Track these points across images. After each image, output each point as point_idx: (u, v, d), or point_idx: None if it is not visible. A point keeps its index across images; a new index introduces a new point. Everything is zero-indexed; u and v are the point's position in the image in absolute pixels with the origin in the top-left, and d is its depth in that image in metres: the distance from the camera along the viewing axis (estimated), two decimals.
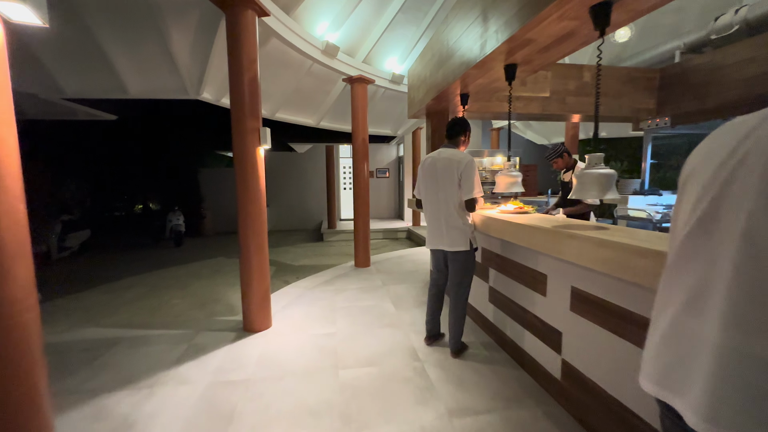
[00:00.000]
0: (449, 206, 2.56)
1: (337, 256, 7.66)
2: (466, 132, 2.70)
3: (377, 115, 6.86)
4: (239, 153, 3.08)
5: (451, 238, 2.58)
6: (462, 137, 2.70)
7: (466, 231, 2.57)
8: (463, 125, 2.71)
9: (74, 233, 7.59)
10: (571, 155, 3.57)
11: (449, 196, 2.55)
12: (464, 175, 2.49)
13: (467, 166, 2.50)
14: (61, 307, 4.73)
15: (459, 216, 2.56)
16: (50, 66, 3.52)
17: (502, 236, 2.32)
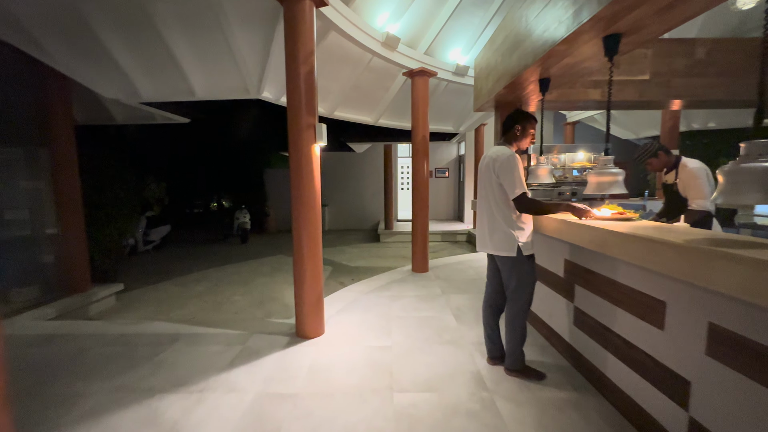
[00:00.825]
0: (490, 207, 2.36)
1: (394, 258, 7.42)
2: (517, 124, 2.39)
3: (438, 111, 6.47)
4: (294, 151, 2.95)
5: (495, 241, 2.34)
6: (515, 130, 2.40)
7: (511, 235, 2.28)
8: (514, 117, 2.42)
9: (156, 228, 8.34)
10: (669, 152, 2.90)
11: (489, 195, 2.36)
12: (501, 172, 2.24)
13: (504, 162, 2.24)
14: (138, 297, 5.12)
15: (502, 218, 2.30)
16: (129, 72, 3.75)
17: (602, 249, 1.84)
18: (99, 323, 3.53)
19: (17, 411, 2.15)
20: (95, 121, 5.43)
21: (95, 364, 2.72)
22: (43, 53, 3.47)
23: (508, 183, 2.22)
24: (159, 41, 3.43)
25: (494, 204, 2.32)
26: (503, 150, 2.31)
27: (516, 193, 2.20)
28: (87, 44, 3.46)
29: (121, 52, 3.59)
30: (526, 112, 2.43)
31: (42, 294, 4.21)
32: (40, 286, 4.24)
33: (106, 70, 3.80)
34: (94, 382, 2.45)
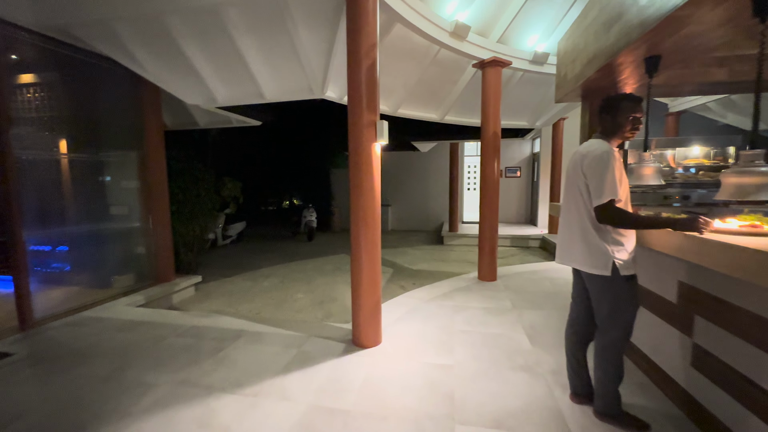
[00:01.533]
0: (580, 213, 1.91)
1: (458, 263, 7.01)
2: (610, 111, 1.92)
3: (511, 105, 5.92)
4: (354, 149, 2.81)
5: (582, 254, 1.90)
6: (606, 120, 1.94)
7: (604, 249, 1.81)
8: (607, 104, 1.94)
9: (234, 224, 9.02)
10: None
11: (578, 199, 1.92)
12: (588, 171, 1.83)
13: (596, 159, 1.80)
14: (213, 289, 5.49)
15: (594, 227, 1.84)
16: (207, 79, 3.98)
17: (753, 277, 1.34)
18: (176, 313, 3.79)
19: (99, 393, 2.32)
20: (182, 126, 5.97)
21: (167, 354, 2.87)
22: (137, 65, 3.83)
23: (595, 185, 1.78)
24: (232, 47, 3.56)
25: (585, 210, 1.88)
26: (597, 145, 1.86)
27: (602, 199, 1.74)
28: (171, 55, 3.73)
29: (200, 60, 3.81)
30: (629, 94, 1.95)
31: (135, 282, 4.70)
32: (134, 274, 4.75)
33: (187, 78, 4.08)
34: (163, 373, 2.57)
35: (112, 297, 4.21)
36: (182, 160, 5.78)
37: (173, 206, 5.40)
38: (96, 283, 4.60)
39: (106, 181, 4.81)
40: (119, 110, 4.65)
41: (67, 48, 3.80)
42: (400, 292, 5.19)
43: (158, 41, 3.60)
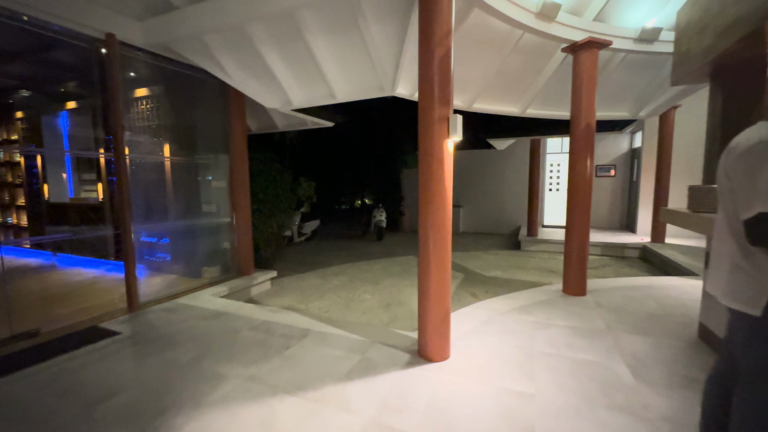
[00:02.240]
0: (732, 226, 1.40)
1: (537, 272, 6.35)
2: None
3: (608, 93, 5.13)
4: (424, 146, 2.60)
5: (727, 281, 1.41)
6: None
7: (756, 279, 1.30)
8: None
9: (309, 222, 9.46)
10: None
11: (723, 206, 1.45)
12: (734, 169, 1.34)
13: (744, 152, 1.29)
14: (287, 284, 5.74)
15: (740, 248, 1.35)
16: (283, 82, 4.13)
17: None
18: (252, 307, 4.00)
19: (180, 379, 2.48)
20: (264, 129, 6.38)
21: (240, 347, 3.00)
22: (224, 73, 4.12)
23: (744, 190, 1.29)
24: (306, 50, 3.62)
25: (730, 225, 1.40)
26: (758, 131, 1.32)
27: (752, 210, 1.25)
28: (253, 61, 3.94)
29: (277, 65, 3.96)
30: None
31: (220, 274, 5.12)
32: (220, 267, 5.18)
33: (266, 83, 4.29)
34: (235, 366, 2.67)
35: (200, 286, 4.62)
36: (263, 162, 6.18)
37: (254, 205, 5.79)
38: (189, 272, 5.12)
39: (199, 181, 5.34)
40: (211, 117, 5.10)
41: (169, 62, 4.25)
42: (471, 300, 4.84)
43: (241, 49, 3.82)
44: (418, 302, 2.82)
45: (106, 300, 4.11)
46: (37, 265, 6.07)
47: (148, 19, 3.77)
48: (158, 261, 5.46)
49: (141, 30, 3.80)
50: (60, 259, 6.38)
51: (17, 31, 3.60)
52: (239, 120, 5.05)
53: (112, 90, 3.65)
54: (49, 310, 3.82)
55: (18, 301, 4.10)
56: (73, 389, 2.40)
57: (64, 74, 5.54)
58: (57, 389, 2.40)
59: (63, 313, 3.72)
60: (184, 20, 3.59)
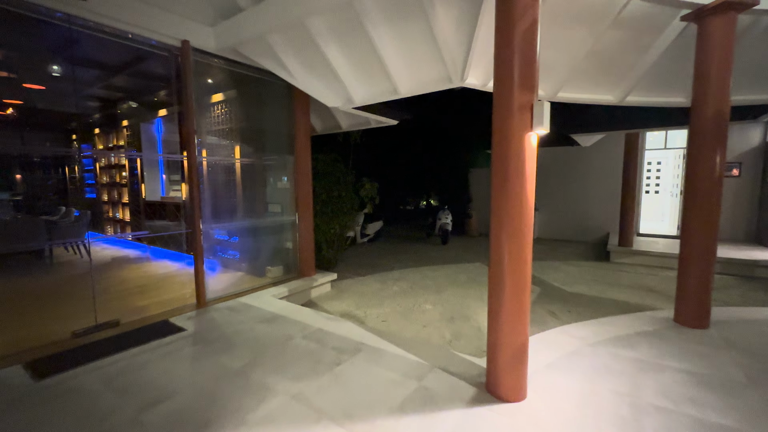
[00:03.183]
0: None
1: (633, 290, 5.33)
2: None
3: (743, 72, 4.04)
4: (500, 141, 2.15)
5: None
6: None
7: None
8: None
9: (372, 223, 9.35)
10: None
11: None
12: None
13: None
14: (347, 287, 5.60)
15: None
16: (345, 79, 3.95)
17: None
18: (308, 312, 3.89)
19: (229, 388, 2.37)
20: (329, 130, 6.35)
21: (291, 357, 2.85)
22: (288, 73, 4.08)
23: None
24: (367, 42, 3.38)
25: None
26: None
27: None
28: (314, 60, 3.83)
29: (338, 61, 3.79)
30: None
31: (282, 274, 5.17)
32: (282, 267, 5.23)
33: (328, 82, 4.16)
34: (283, 380, 2.51)
35: (263, 286, 4.68)
36: (326, 163, 6.15)
37: (317, 206, 5.77)
38: (254, 271, 5.25)
39: (266, 181, 5.46)
40: (277, 119, 5.17)
41: (238, 66, 4.35)
42: (550, 321, 4.17)
43: (303, 47, 3.72)
44: (488, 326, 2.38)
45: (180, 294, 4.34)
46: (136, 257, 6.82)
47: (218, 24, 3.87)
48: (229, 258, 5.73)
49: (213, 35, 3.91)
50: (153, 252, 7.11)
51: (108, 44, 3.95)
52: (303, 121, 5.04)
53: (186, 95, 3.80)
54: (133, 301, 4.14)
55: (111, 290, 4.55)
56: (133, 387, 2.44)
57: (155, 84, 6.11)
58: (119, 385, 2.46)
59: (142, 305, 3.99)
60: (249, 21, 3.59)
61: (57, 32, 3.57)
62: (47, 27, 3.44)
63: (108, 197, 8.89)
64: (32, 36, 4.15)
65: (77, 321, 3.40)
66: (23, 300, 4.21)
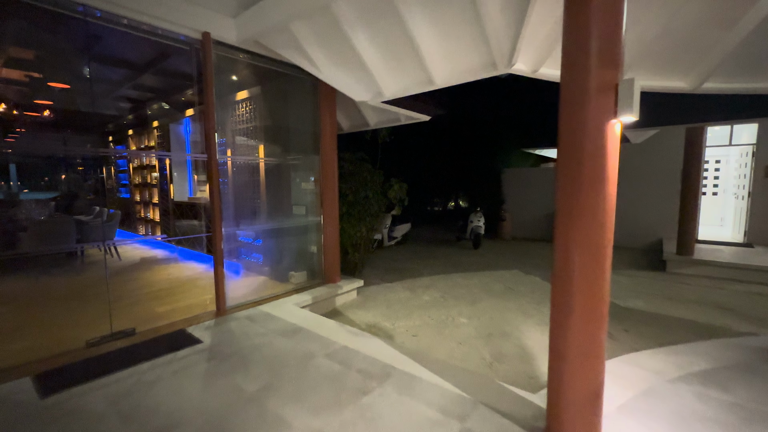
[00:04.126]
0: None
1: (701, 307, 4.63)
2: None
3: None
4: (570, 131, 1.72)
5: None
6: None
7: None
8: None
9: (399, 225, 8.96)
10: None
11: None
12: None
13: None
14: (374, 294, 5.24)
15: None
16: (374, 70, 3.61)
17: None
18: (332, 325, 3.56)
19: (241, 417, 2.07)
20: (356, 128, 6.04)
21: (311, 382, 2.52)
22: (313, 65, 3.78)
23: None
24: (399, 26, 3.01)
25: None
26: None
27: None
28: (341, 49, 3.51)
29: (367, 50, 3.45)
30: None
31: (306, 279, 4.89)
32: (307, 272, 4.96)
33: (356, 74, 3.83)
34: (301, 412, 2.18)
35: (285, 293, 4.41)
36: (353, 162, 5.83)
37: (343, 207, 5.46)
38: (277, 276, 5.01)
39: (290, 182, 5.21)
40: (302, 117, 4.90)
41: (261, 60, 4.10)
42: (607, 343, 3.62)
43: (329, 37, 3.40)
44: (549, 359, 1.94)
45: (200, 300, 4.15)
46: (164, 258, 6.80)
47: (239, 15, 3.62)
48: (252, 261, 5.53)
49: (234, 26, 3.67)
50: (181, 252, 7.08)
51: (129, 39, 3.81)
52: (329, 118, 4.73)
53: (207, 90, 3.58)
54: (152, 306, 3.98)
55: (133, 294, 4.44)
56: (139, 411, 2.19)
57: (182, 83, 6.02)
58: (125, 408, 2.22)
59: (161, 311, 3.82)
60: (271, 8, 3.31)
61: (76, 27, 3.45)
62: (65, 21, 3.32)
63: (140, 197, 9.05)
64: (56, 33, 4.09)
65: (94, 328, 3.24)
66: (47, 303, 4.15)
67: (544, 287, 5.60)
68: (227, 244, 5.56)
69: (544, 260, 7.50)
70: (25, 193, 11.10)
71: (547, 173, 10.76)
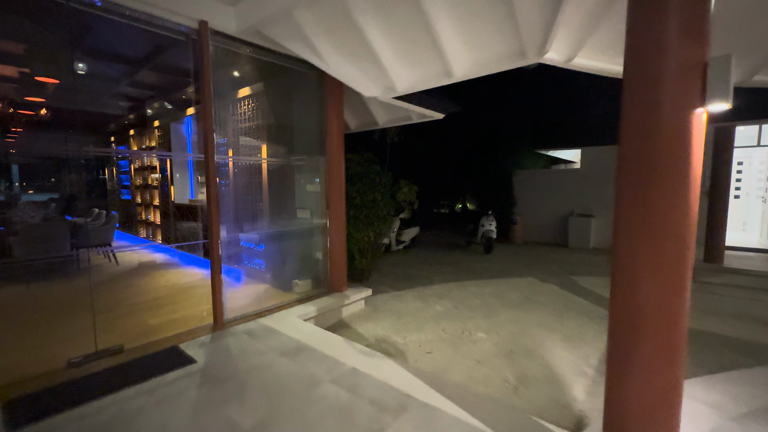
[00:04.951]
0: None
1: (741, 321, 4.24)
2: None
3: None
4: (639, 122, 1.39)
5: None
6: None
7: None
8: None
9: (407, 229, 8.63)
10: None
11: None
12: None
13: None
14: (382, 304, 4.89)
15: None
16: (385, 62, 3.29)
17: None
18: (340, 342, 3.24)
19: None
20: (364, 127, 5.73)
21: (316, 413, 2.20)
22: (319, 58, 3.48)
23: None
24: (415, 11, 2.70)
25: None
26: None
27: None
28: (350, 39, 3.20)
29: (378, 40, 3.14)
30: None
31: (311, 288, 4.57)
32: (311, 280, 4.64)
33: (365, 66, 3.52)
34: None
35: (289, 304, 4.10)
36: (361, 163, 5.52)
37: (350, 211, 5.15)
38: (280, 284, 4.70)
39: (294, 184, 4.91)
40: (307, 115, 4.60)
41: (263, 53, 3.80)
42: None
43: (336, 24, 3.09)
44: (605, 398, 1.59)
45: (197, 311, 3.85)
46: (163, 262, 6.53)
47: (239, 2, 3.32)
48: (254, 267, 5.24)
49: (233, 15, 3.38)
50: (181, 257, 6.81)
51: (121, 28, 3.53)
52: (337, 116, 4.42)
53: (204, 85, 3.29)
54: (144, 319, 3.69)
55: (125, 303, 4.16)
56: None
57: (182, 81, 5.76)
58: None
59: (154, 324, 3.52)
60: None
61: (65, 16, 3.18)
62: (53, 10, 3.05)
63: (141, 199, 8.82)
64: (44, 24, 3.83)
65: (79, 344, 2.95)
66: (33, 314, 3.88)
67: (563, 297, 5.24)
68: (228, 250, 5.27)
69: (559, 266, 7.13)
70: (30, 194, 10.96)
71: (560, 175, 10.37)
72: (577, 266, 7.18)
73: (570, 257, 8.04)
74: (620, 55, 1.42)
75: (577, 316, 4.50)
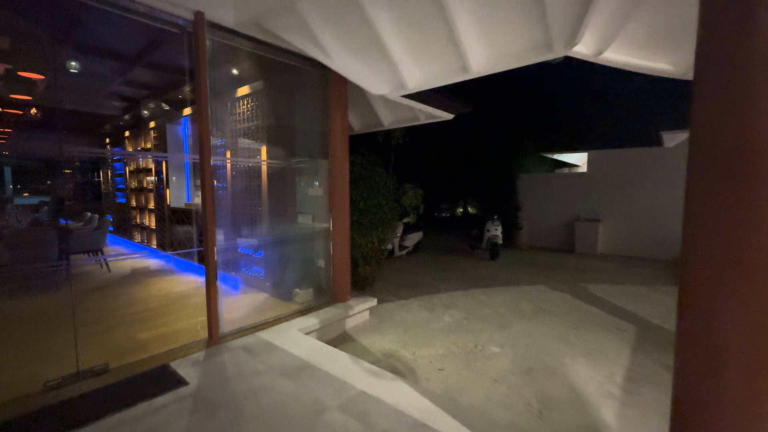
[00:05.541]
0: None
1: None
2: None
3: None
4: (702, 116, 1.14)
5: None
6: None
7: None
8: None
9: (411, 234, 8.38)
10: None
11: None
12: None
13: None
14: (388, 314, 4.65)
15: None
16: (396, 57, 3.06)
17: None
18: (346, 361, 2.98)
19: None
20: (368, 128, 5.50)
21: None
22: (324, 53, 3.25)
23: None
24: (432, 2, 2.45)
25: None
26: None
27: None
28: (357, 31, 2.97)
29: (389, 33, 2.91)
30: None
31: (313, 298, 4.31)
32: (313, 289, 4.38)
33: (373, 62, 3.29)
34: None
35: (289, 315, 3.84)
36: (365, 166, 5.28)
37: (353, 215, 4.90)
38: (280, 293, 4.44)
39: (295, 188, 4.66)
40: (310, 115, 4.37)
41: (264, 48, 3.57)
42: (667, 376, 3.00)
43: (342, 16, 2.86)
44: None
45: (190, 324, 3.59)
46: (157, 268, 6.26)
47: None
48: (253, 275, 4.97)
49: (232, 6, 3.15)
50: (177, 263, 6.53)
51: (111, 22, 3.29)
52: (340, 117, 4.19)
53: (200, 81, 3.05)
54: (133, 333, 3.42)
55: (113, 315, 3.89)
56: None
57: (178, 79, 5.52)
58: None
59: (143, 339, 3.26)
60: None
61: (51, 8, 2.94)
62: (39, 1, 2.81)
63: (136, 202, 8.55)
64: (30, 16, 3.58)
65: (59, 363, 2.68)
66: (10, 329, 3.60)
67: (577, 306, 4.99)
68: (225, 256, 5.01)
69: (569, 273, 6.89)
70: (25, 197, 10.67)
71: (566, 179, 10.19)
72: (586, 273, 6.94)
73: (577, 263, 7.81)
74: (652, 49, 1.20)
75: (594, 327, 4.25)
